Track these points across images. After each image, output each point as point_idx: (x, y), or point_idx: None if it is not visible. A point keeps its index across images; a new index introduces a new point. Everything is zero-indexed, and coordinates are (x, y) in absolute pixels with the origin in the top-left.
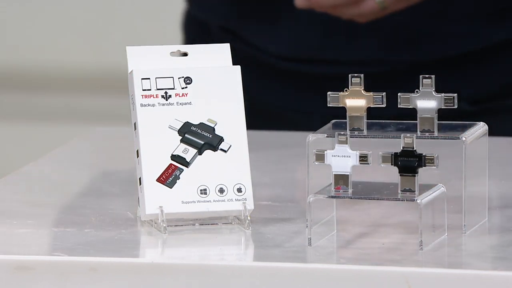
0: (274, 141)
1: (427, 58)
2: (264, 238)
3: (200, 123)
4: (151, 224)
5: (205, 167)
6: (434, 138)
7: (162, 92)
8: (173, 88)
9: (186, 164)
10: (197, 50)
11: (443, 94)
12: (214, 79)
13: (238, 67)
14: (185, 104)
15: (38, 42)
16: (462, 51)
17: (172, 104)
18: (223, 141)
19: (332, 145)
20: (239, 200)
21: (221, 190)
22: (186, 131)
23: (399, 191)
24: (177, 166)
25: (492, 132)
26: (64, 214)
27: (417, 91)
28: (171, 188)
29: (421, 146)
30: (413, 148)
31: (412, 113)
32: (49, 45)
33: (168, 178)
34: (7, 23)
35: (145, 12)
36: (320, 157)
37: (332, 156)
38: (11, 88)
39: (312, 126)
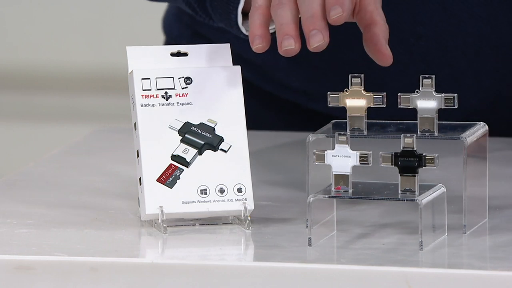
0: (274, 141)
1: None
2: (264, 238)
3: (200, 123)
4: (151, 224)
5: (205, 167)
6: (434, 138)
7: (162, 92)
8: (173, 88)
9: (186, 164)
10: (197, 50)
11: (443, 94)
12: (214, 79)
13: (238, 67)
14: (185, 104)
15: (38, 42)
16: None
17: (172, 104)
18: (223, 141)
19: (332, 145)
20: (239, 200)
21: (221, 190)
22: (186, 131)
23: (399, 191)
24: (177, 166)
25: None
26: (64, 214)
27: (417, 91)
28: (171, 188)
29: (421, 146)
30: (413, 148)
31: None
32: (49, 45)
33: (168, 178)
34: (7, 23)
35: (145, 12)
36: (320, 157)
37: (332, 156)
38: (11, 88)
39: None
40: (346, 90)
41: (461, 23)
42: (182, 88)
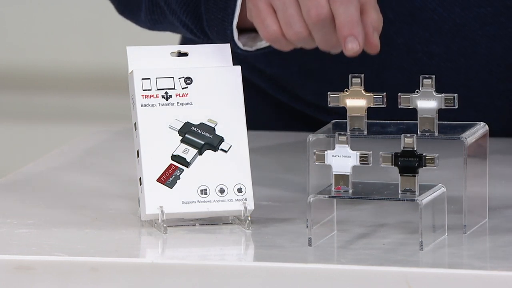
0: (274, 141)
1: None
2: (264, 238)
3: (201, 123)
4: (151, 224)
5: (205, 167)
6: (434, 138)
7: (162, 92)
8: (174, 88)
9: (187, 164)
10: (197, 50)
11: (443, 94)
12: (215, 79)
13: (239, 67)
14: (186, 104)
15: (38, 42)
16: None
17: (172, 104)
18: (224, 141)
19: (332, 145)
20: (240, 200)
21: (222, 190)
22: (187, 131)
23: (399, 191)
24: (178, 166)
25: None
26: (64, 214)
27: (417, 91)
28: (171, 188)
29: (421, 146)
30: (414, 148)
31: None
32: (49, 45)
33: (169, 178)
34: (7, 23)
35: None
36: (321, 157)
37: (333, 156)
38: (11, 88)
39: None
40: (346, 90)
41: (473, 42)
42: (182, 88)
